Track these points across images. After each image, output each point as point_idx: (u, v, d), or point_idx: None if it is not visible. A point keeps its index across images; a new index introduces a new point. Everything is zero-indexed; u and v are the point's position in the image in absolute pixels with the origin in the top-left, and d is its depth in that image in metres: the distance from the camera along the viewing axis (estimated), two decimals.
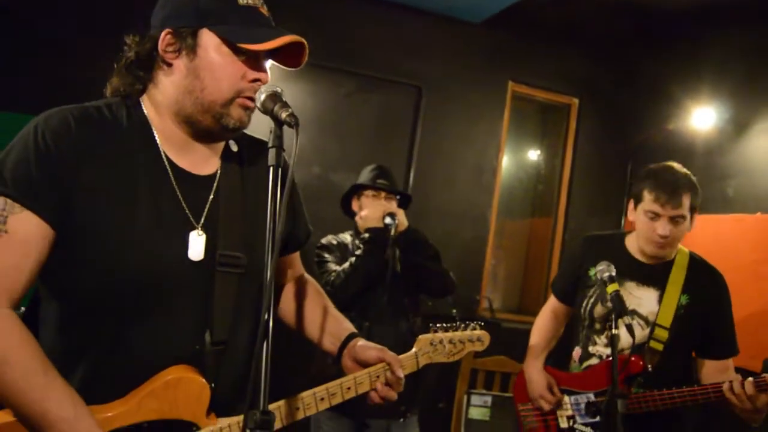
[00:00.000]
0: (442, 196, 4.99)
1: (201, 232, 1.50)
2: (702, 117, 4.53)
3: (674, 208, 2.53)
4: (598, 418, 2.64)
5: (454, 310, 4.59)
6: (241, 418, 1.49)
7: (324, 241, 3.32)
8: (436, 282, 3.28)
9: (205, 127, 1.50)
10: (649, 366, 2.56)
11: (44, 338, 1.43)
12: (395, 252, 3.15)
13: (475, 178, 5.18)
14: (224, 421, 1.52)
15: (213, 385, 1.49)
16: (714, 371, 2.57)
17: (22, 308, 1.52)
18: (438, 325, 1.91)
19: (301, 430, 3.18)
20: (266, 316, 1.21)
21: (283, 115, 1.35)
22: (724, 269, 2.67)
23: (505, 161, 5.56)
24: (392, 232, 3.10)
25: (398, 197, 3.38)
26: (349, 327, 1.81)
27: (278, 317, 1.89)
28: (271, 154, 1.32)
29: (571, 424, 2.74)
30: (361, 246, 3.11)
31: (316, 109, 4.76)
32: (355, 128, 4.85)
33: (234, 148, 1.63)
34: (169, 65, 1.48)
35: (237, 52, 1.46)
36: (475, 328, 1.96)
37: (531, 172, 5.94)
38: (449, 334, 1.91)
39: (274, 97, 1.40)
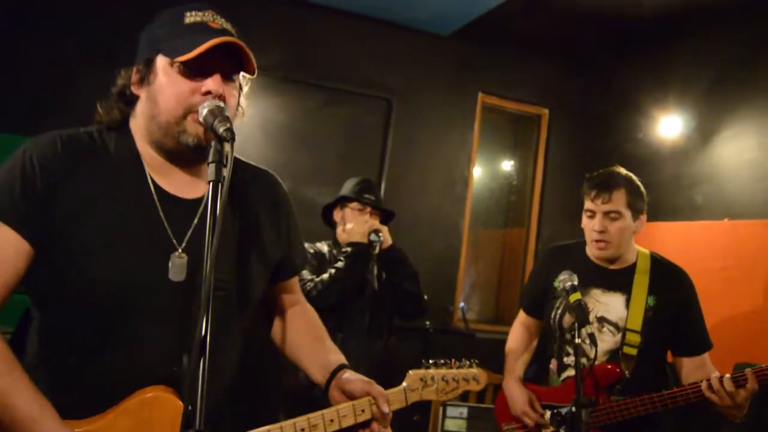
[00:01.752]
0: (414, 207, 4.98)
1: (182, 254, 1.50)
2: (669, 125, 4.58)
3: (605, 202, 2.59)
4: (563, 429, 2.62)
5: (428, 322, 4.58)
6: None
7: None
8: (410, 304, 3.31)
9: (171, 149, 1.53)
10: (626, 372, 2.55)
11: (30, 350, 1.49)
12: (375, 269, 3.14)
13: (446, 189, 5.18)
14: None
15: (190, 408, 1.46)
16: (692, 368, 2.56)
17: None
18: (431, 361, 1.85)
19: None
20: (203, 332, 1.21)
21: (221, 129, 1.35)
22: (694, 276, 2.67)
23: (477, 172, 5.58)
24: (376, 249, 3.11)
25: (381, 213, 3.36)
26: (339, 359, 1.78)
27: (279, 348, 1.90)
28: (211, 169, 1.32)
29: None
30: (342, 258, 3.09)
31: (285, 122, 4.74)
32: (325, 141, 4.84)
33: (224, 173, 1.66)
34: (138, 97, 1.55)
35: (184, 69, 1.48)
36: (471, 366, 1.89)
37: (503, 182, 5.96)
38: (442, 371, 1.83)
39: (215, 111, 1.41)
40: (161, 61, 1.49)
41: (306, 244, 3.22)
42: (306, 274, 3.13)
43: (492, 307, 5.72)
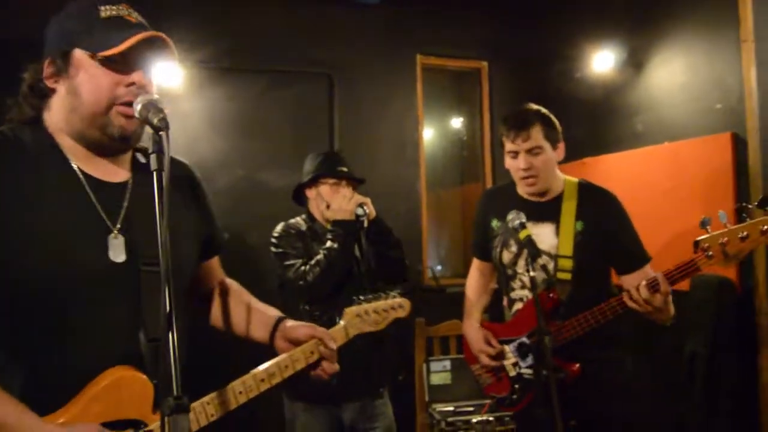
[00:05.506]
0: (370, 176, 4.93)
1: (118, 235, 1.58)
2: (602, 61, 4.70)
3: (525, 140, 2.72)
4: (530, 358, 2.77)
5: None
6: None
7: (279, 230, 3.24)
8: (396, 270, 3.33)
9: (95, 140, 1.60)
10: (563, 297, 2.68)
11: None
12: (362, 242, 3.12)
13: (399, 154, 5.28)
14: None
15: (155, 381, 1.55)
16: (634, 283, 2.62)
17: None
18: (361, 297, 2.10)
19: (277, 421, 3.26)
20: (167, 308, 1.29)
21: (155, 120, 1.43)
22: (643, 200, 2.81)
23: (427, 133, 5.67)
24: (365, 223, 3.07)
25: (354, 182, 3.36)
26: (276, 313, 1.94)
27: (211, 324, 2.01)
28: (152, 159, 1.39)
29: (517, 370, 2.84)
30: (332, 238, 3.04)
31: (232, 112, 4.78)
32: (274, 125, 4.89)
33: (142, 159, 1.74)
34: (54, 91, 1.60)
35: (106, 62, 1.55)
36: (395, 297, 2.17)
37: (454, 139, 6.07)
38: (373, 305, 2.10)
39: (149, 104, 1.47)
40: (80, 54, 1.55)
41: (281, 226, 3.27)
42: (293, 257, 3.11)
43: (461, 261, 5.86)
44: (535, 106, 2.84)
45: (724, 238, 2.37)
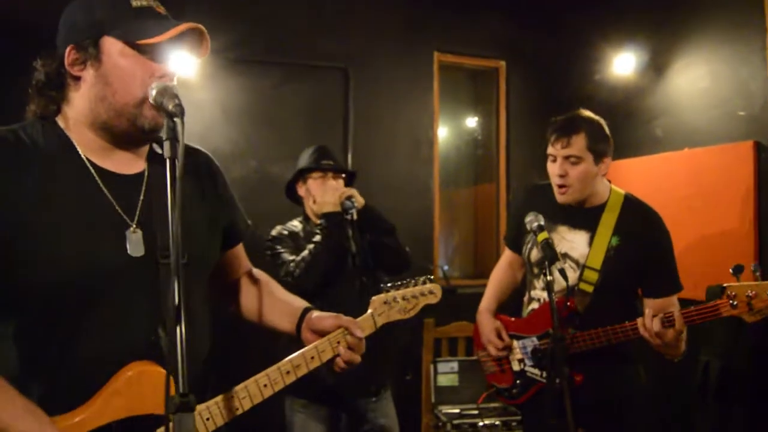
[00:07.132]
0: (383, 173, 5.00)
1: (136, 229, 1.54)
2: (623, 63, 4.64)
3: (564, 147, 2.60)
4: (541, 364, 2.71)
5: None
6: (207, 403, 1.58)
7: (274, 232, 3.25)
8: (393, 258, 3.24)
9: (122, 131, 1.55)
10: (579, 308, 2.60)
11: (3, 356, 1.46)
12: (355, 234, 3.05)
13: (413, 152, 5.22)
14: None
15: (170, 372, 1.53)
16: (657, 309, 2.55)
17: None
18: (389, 284, 1.97)
19: (275, 417, 3.22)
20: (176, 301, 1.26)
21: (170, 105, 1.40)
22: (659, 207, 2.70)
23: (442, 131, 5.61)
24: (354, 215, 3.01)
25: (344, 176, 3.33)
26: (302, 303, 1.89)
27: (238, 314, 1.97)
28: (166, 146, 1.35)
29: (522, 366, 2.83)
30: (318, 232, 3.02)
31: (245, 103, 4.74)
32: (287, 118, 4.84)
33: (159, 150, 1.67)
34: (78, 78, 1.54)
35: (141, 51, 1.52)
36: (425, 282, 2.01)
37: (468, 138, 6.01)
38: (401, 291, 1.95)
39: (164, 91, 1.45)
40: (111, 42, 1.50)
41: (278, 227, 3.27)
42: (285, 255, 3.10)
43: (471, 262, 5.82)
44: (587, 114, 2.70)
45: (753, 291, 2.26)
